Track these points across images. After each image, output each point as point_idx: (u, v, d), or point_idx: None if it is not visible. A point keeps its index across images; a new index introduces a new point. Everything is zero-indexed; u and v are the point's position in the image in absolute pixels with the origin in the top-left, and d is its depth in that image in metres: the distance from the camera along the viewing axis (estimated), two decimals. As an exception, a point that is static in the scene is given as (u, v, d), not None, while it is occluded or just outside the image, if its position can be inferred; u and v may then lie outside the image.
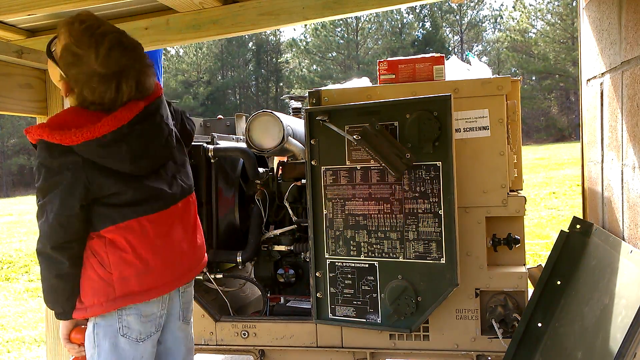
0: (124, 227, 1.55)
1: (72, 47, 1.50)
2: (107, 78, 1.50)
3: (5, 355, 4.05)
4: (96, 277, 1.54)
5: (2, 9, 2.26)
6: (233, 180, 2.65)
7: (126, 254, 1.56)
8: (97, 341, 1.57)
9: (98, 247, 1.54)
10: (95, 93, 1.51)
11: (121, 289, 1.55)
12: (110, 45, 1.50)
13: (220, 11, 2.53)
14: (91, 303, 1.55)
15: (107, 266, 1.54)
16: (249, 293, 2.79)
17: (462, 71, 2.37)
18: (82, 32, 1.50)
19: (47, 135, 1.47)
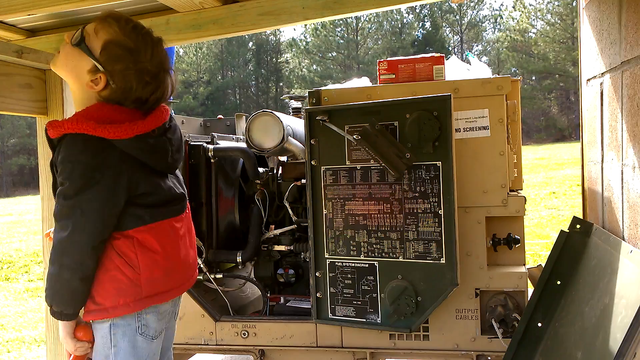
0: (155, 227, 1.55)
1: (123, 42, 1.50)
2: (156, 76, 1.53)
3: (5, 355, 4.05)
4: (123, 277, 1.51)
5: (2, 9, 2.26)
6: (233, 180, 2.65)
7: (157, 255, 1.56)
8: (114, 341, 1.54)
9: (125, 247, 1.51)
10: (146, 89, 1.51)
11: (149, 289, 1.55)
12: (155, 44, 1.54)
13: (220, 11, 2.53)
14: (115, 304, 1.51)
15: (136, 267, 1.52)
16: (249, 293, 2.79)
17: (462, 71, 2.37)
18: (131, 29, 1.52)
19: (92, 128, 1.43)
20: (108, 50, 1.49)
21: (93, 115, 1.46)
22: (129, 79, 1.49)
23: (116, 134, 1.45)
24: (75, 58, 1.51)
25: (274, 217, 2.56)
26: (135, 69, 1.49)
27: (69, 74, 1.54)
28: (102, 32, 1.50)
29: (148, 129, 1.51)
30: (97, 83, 1.50)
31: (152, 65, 1.52)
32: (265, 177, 2.51)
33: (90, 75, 1.50)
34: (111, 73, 1.49)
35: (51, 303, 1.50)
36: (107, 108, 1.49)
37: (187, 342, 2.40)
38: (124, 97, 1.50)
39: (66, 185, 1.44)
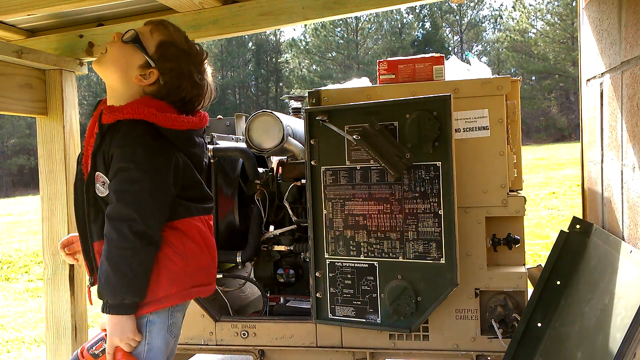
0: (197, 221, 1.61)
1: (178, 44, 1.59)
2: (202, 80, 1.63)
3: (5, 355, 4.05)
4: (174, 267, 1.54)
5: (2, 9, 2.26)
6: (233, 180, 2.65)
7: (200, 247, 1.61)
8: (148, 339, 1.55)
9: (173, 237, 1.55)
10: (193, 90, 1.60)
11: (196, 279, 1.61)
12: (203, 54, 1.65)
13: (220, 11, 2.53)
14: (168, 292, 1.53)
15: (185, 257, 1.56)
16: (249, 293, 2.79)
17: (462, 71, 2.36)
18: (184, 36, 1.63)
19: (152, 115, 1.49)
20: (164, 48, 1.57)
21: (151, 104, 1.53)
22: (179, 78, 1.57)
23: (173, 123, 1.53)
24: (128, 53, 1.56)
25: (274, 217, 2.56)
26: (187, 70, 1.58)
27: (119, 69, 1.57)
28: (158, 33, 1.58)
29: (197, 126, 1.61)
30: (147, 78, 1.56)
31: (199, 71, 1.62)
32: (265, 177, 2.51)
33: (140, 70, 1.56)
34: (163, 70, 1.56)
35: (123, 296, 1.46)
36: (159, 101, 1.56)
37: (187, 342, 2.40)
38: (169, 94, 1.57)
39: (129, 169, 1.46)
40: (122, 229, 1.44)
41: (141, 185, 1.46)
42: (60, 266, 2.59)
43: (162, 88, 1.57)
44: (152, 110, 1.50)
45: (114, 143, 1.49)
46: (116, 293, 1.46)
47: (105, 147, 1.51)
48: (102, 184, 1.53)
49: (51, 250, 2.60)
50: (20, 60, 2.34)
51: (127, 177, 1.46)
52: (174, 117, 1.53)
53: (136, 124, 1.49)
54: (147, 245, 1.47)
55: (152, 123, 1.50)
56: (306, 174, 2.16)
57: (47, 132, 2.61)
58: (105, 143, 1.51)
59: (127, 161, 1.46)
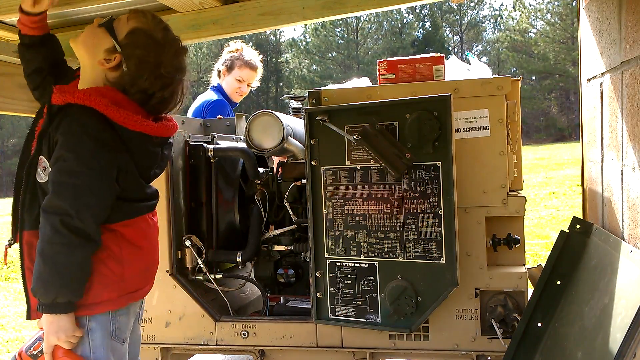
0: (137, 222, 1.55)
1: (151, 33, 1.52)
2: (170, 75, 1.54)
3: (5, 355, 4.05)
4: (108, 271, 1.47)
5: (2, 9, 2.26)
6: (233, 180, 2.65)
7: (140, 250, 1.55)
8: (92, 347, 1.48)
9: (109, 240, 1.47)
10: (156, 83, 1.51)
11: (132, 284, 1.54)
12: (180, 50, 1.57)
13: (220, 11, 2.53)
14: (98, 299, 1.46)
15: (121, 261, 1.49)
16: (249, 293, 2.79)
17: (462, 71, 2.36)
18: (163, 28, 1.55)
19: (104, 105, 1.42)
20: (134, 35, 1.51)
21: (107, 94, 1.46)
22: (143, 68, 1.50)
23: (124, 120, 1.44)
24: (97, 36, 1.52)
25: (274, 217, 2.56)
26: (153, 60, 1.51)
27: (86, 49, 1.53)
28: (134, 20, 1.53)
29: (153, 133, 1.51)
30: (109, 62, 1.50)
31: (170, 64, 1.54)
32: (265, 177, 2.51)
33: (105, 53, 1.50)
34: (128, 56, 1.50)
35: (56, 295, 1.39)
36: (119, 94, 1.49)
37: (187, 342, 2.40)
38: (132, 83, 1.50)
39: (69, 159, 1.38)
40: (55, 224, 1.36)
41: (81, 179, 1.38)
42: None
43: (125, 75, 1.50)
44: (104, 101, 1.42)
45: (60, 128, 1.41)
46: (49, 291, 1.38)
47: (52, 131, 1.43)
48: (43, 169, 1.45)
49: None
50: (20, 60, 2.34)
51: (67, 168, 1.38)
52: (127, 114, 1.44)
53: (86, 112, 1.41)
54: (83, 242, 1.39)
55: (103, 115, 1.42)
56: (306, 174, 2.16)
57: (47, 132, 2.60)
58: (52, 126, 1.44)
59: (70, 150, 1.38)
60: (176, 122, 1.64)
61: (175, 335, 2.41)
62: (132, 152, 1.48)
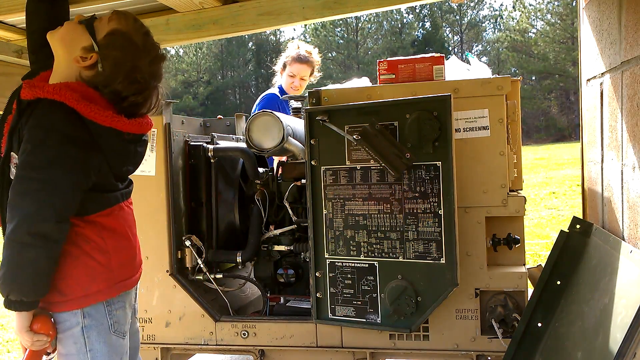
0: (115, 210, 1.53)
1: (130, 36, 1.49)
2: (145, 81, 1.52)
3: (5, 355, 4.05)
4: (94, 263, 1.46)
5: (2, 9, 2.26)
6: (233, 180, 2.65)
7: (123, 237, 1.54)
8: (89, 345, 1.47)
9: (91, 232, 1.47)
10: (130, 87, 1.49)
11: (120, 274, 1.53)
12: (158, 57, 1.55)
13: (220, 11, 2.53)
14: (87, 292, 1.45)
15: (106, 252, 1.48)
16: (249, 293, 2.79)
17: (462, 71, 2.36)
18: (144, 33, 1.53)
19: (75, 100, 1.40)
20: (113, 36, 1.49)
21: (77, 89, 1.44)
22: (119, 70, 1.48)
23: (95, 115, 1.42)
24: (76, 33, 1.50)
25: (274, 217, 2.56)
26: (130, 64, 1.49)
27: (63, 45, 1.51)
28: (115, 21, 1.51)
29: (124, 129, 1.48)
30: (85, 60, 1.48)
31: (146, 70, 1.52)
32: (265, 177, 2.51)
33: (82, 51, 1.48)
34: (104, 57, 1.48)
35: (8, 291, 1.36)
36: (90, 89, 1.47)
37: (187, 342, 2.40)
38: (105, 84, 1.48)
39: (35, 153, 1.35)
40: (14, 221, 1.33)
41: (45, 174, 1.34)
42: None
43: (99, 75, 1.48)
44: (75, 95, 1.40)
45: (28, 123, 1.39)
46: (2, 287, 1.36)
47: (21, 126, 1.41)
48: (14, 165, 1.42)
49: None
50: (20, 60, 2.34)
51: (30, 163, 1.34)
52: (97, 109, 1.42)
53: (55, 106, 1.38)
54: (40, 242, 1.34)
55: (74, 109, 1.39)
56: (306, 174, 2.16)
57: (47, 132, 2.60)
58: (22, 122, 1.41)
59: (35, 145, 1.35)
60: (151, 120, 1.61)
61: (175, 335, 2.41)
62: (102, 148, 1.46)
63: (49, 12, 1.65)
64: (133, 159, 1.60)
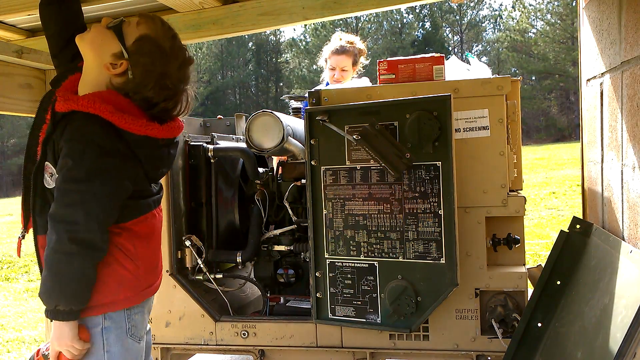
0: (148, 217, 1.56)
1: (159, 42, 1.50)
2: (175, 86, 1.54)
3: (5, 355, 4.05)
4: (124, 271, 1.49)
5: (2, 9, 2.26)
6: (233, 180, 2.65)
7: (150, 247, 1.58)
8: (107, 346, 1.49)
9: (124, 239, 1.49)
10: (161, 93, 1.51)
11: (146, 281, 1.57)
12: (187, 61, 1.57)
13: (220, 11, 2.53)
14: (115, 299, 1.48)
15: (136, 259, 1.51)
16: (249, 293, 2.79)
17: (462, 71, 2.36)
18: (172, 37, 1.54)
19: (109, 112, 1.42)
20: (143, 42, 1.49)
21: (110, 100, 1.45)
22: (149, 77, 1.49)
23: (129, 126, 1.44)
24: (105, 38, 1.51)
25: (274, 217, 2.56)
26: (159, 70, 1.50)
27: (92, 50, 1.52)
28: (144, 26, 1.51)
29: (159, 135, 1.51)
30: (116, 67, 1.49)
31: (175, 75, 1.53)
32: (265, 177, 2.51)
33: (112, 58, 1.49)
34: (134, 64, 1.49)
35: (57, 303, 1.40)
36: (122, 98, 1.48)
37: (187, 342, 2.40)
38: (135, 91, 1.49)
39: (76, 167, 1.38)
40: (60, 232, 1.37)
41: (86, 186, 1.38)
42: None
43: (130, 82, 1.49)
44: (108, 107, 1.42)
45: (64, 135, 1.41)
46: (51, 298, 1.40)
47: (56, 138, 1.44)
48: (49, 175, 1.46)
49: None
50: (20, 60, 2.34)
51: (72, 176, 1.38)
52: (132, 119, 1.45)
53: (91, 119, 1.41)
54: (86, 251, 1.39)
55: (109, 121, 1.42)
56: (306, 174, 2.16)
57: (47, 132, 2.60)
58: (57, 133, 1.44)
59: (74, 159, 1.38)
60: (182, 122, 1.64)
61: (175, 335, 2.41)
62: (139, 156, 1.49)
63: (60, 15, 1.67)
64: (167, 162, 1.62)
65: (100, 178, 1.40)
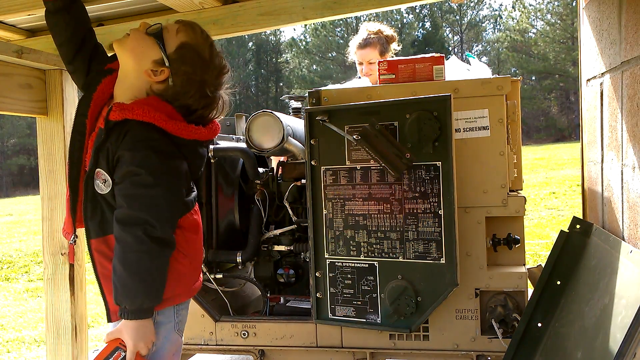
0: (194, 213, 1.63)
1: (199, 50, 1.55)
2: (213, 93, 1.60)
3: (5, 355, 4.05)
4: (180, 266, 1.54)
5: (2, 9, 2.26)
6: (233, 180, 2.65)
7: (199, 240, 1.63)
8: (157, 341, 1.53)
9: (178, 236, 1.54)
10: (200, 101, 1.56)
11: (196, 276, 1.63)
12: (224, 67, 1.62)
13: (220, 11, 2.53)
14: (172, 294, 1.53)
15: (189, 255, 1.57)
16: (249, 293, 2.79)
17: (462, 71, 2.37)
18: (210, 45, 1.58)
19: (163, 120, 1.48)
20: (184, 50, 1.53)
21: (161, 108, 1.50)
22: (190, 85, 1.54)
23: (181, 132, 1.51)
24: (146, 45, 1.53)
25: (274, 217, 2.56)
26: (200, 78, 1.54)
27: (133, 56, 1.54)
28: (183, 33, 1.54)
29: (203, 138, 1.58)
30: (157, 75, 1.53)
31: (213, 83, 1.58)
32: (265, 177, 2.51)
33: (153, 65, 1.52)
34: (176, 71, 1.53)
35: (143, 301, 1.45)
36: (169, 106, 1.53)
37: (187, 342, 2.40)
38: (175, 98, 1.54)
39: (143, 173, 1.44)
40: (138, 233, 1.43)
41: (155, 190, 1.45)
42: (60, 266, 2.59)
43: (170, 89, 1.54)
44: (162, 116, 1.49)
45: (122, 144, 1.47)
46: (136, 298, 1.44)
47: (111, 146, 1.49)
48: (102, 181, 1.51)
49: (51, 250, 2.60)
50: (20, 60, 2.34)
51: (140, 182, 1.45)
52: (183, 126, 1.52)
53: (146, 127, 1.47)
54: (164, 249, 1.47)
55: (162, 128, 1.49)
56: (306, 174, 2.16)
57: (47, 132, 2.60)
58: (111, 141, 1.49)
59: (139, 165, 1.45)
60: (218, 124, 1.69)
61: (175, 335, 2.40)
62: (187, 158, 1.56)
63: (70, 21, 1.68)
64: (205, 160, 1.69)
65: (166, 181, 1.48)
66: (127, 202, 1.45)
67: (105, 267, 1.53)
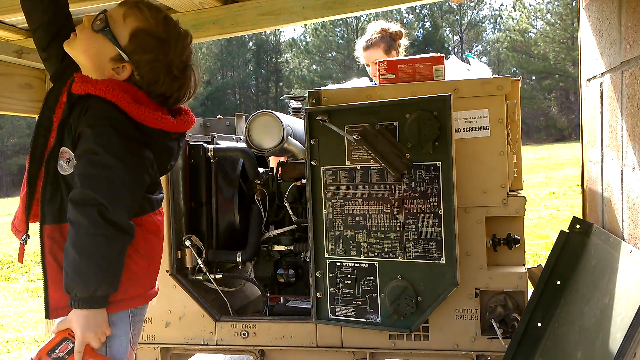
0: (158, 213, 1.52)
1: (154, 31, 1.41)
2: (183, 72, 1.47)
3: (5, 355, 4.05)
4: (135, 266, 1.42)
5: (2, 9, 2.26)
6: (233, 180, 2.65)
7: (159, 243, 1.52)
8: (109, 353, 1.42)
9: (137, 234, 1.41)
10: (173, 84, 1.45)
11: (152, 280, 1.51)
12: (184, 37, 1.48)
13: (220, 11, 2.53)
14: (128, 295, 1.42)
15: (147, 256, 1.46)
16: (249, 293, 2.79)
17: (462, 71, 2.37)
18: (163, 19, 1.44)
19: (127, 102, 1.36)
20: (138, 38, 1.40)
21: (128, 90, 1.39)
22: (157, 72, 1.43)
23: (145, 118, 1.39)
24: (98, 44, 1.41)
25: (274, 217, 2.56)
26: (164, 61, 1.43)
27: (89, 59, 1.43)
28: (132, 18, 1.41)
29: (170, 128, 1.46)
30: (120, 72, 1.42)
31: (180, 59, 1.46)
32: (265, 177, 2.51)
33: (112, 63, 1.42)
34: (138, 63, 1.41)
35: (96, 288, 1.32)
36: (139, 91, 1.42)
37: (187, 342, 2.40)
38: (149, 90, 1.44)
39: (101, 152, 1.33)
40: (93, 215, 1.30)
41: (112, 172, 1.33)
42: (60, 266, 2.59)
43: (139, 82, 1.43)
44: (127, 97, 1.37)
45: (83, 120, 1.36)
46: (88, 284, 1.31)
47: (73, 121, 1.38)
48: (66, 160, 1.39)
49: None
50: (20, 60, 2.34)
51: (97, 161, 1.33)
52: (147, 112, 1.39)
53: (109, 105, 1.36)
54: (121, 235, 1.34)
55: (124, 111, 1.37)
56: (306, 174, 2.16)
57: (47, 132, 2.60)
58: (73, 116, 1.38)
59: (98, 144, 1.33)
60: (194, 116, 1.59)
61: (175, 335, 2.41)
62: (152, 148, 1.44)
63: (47, 5, 1.54)
64: (176, 154, 1.57)
65: (126, 164, 1.35)
66: (81, 182, 1.33)
67: (55, 256, 1.39)
